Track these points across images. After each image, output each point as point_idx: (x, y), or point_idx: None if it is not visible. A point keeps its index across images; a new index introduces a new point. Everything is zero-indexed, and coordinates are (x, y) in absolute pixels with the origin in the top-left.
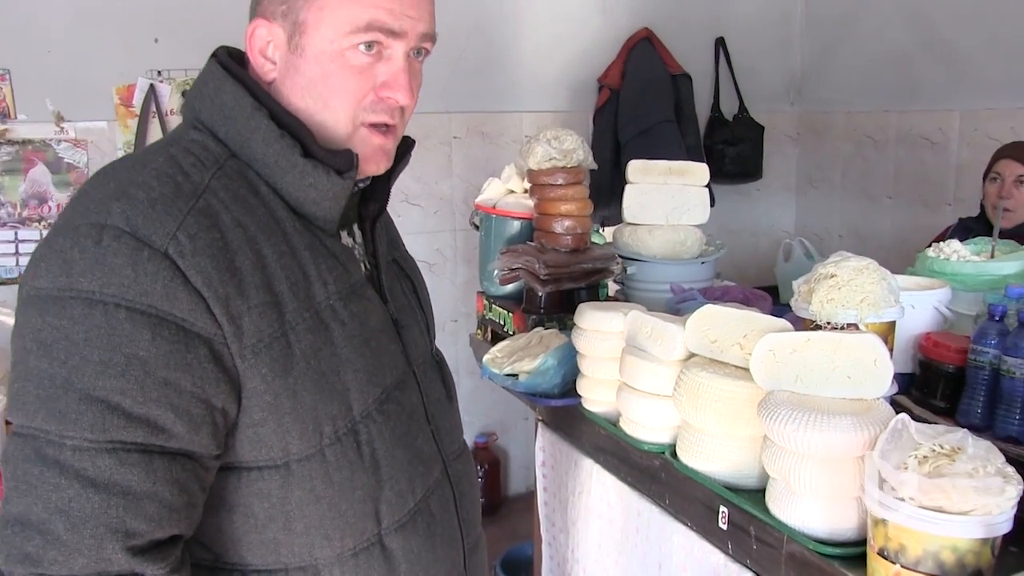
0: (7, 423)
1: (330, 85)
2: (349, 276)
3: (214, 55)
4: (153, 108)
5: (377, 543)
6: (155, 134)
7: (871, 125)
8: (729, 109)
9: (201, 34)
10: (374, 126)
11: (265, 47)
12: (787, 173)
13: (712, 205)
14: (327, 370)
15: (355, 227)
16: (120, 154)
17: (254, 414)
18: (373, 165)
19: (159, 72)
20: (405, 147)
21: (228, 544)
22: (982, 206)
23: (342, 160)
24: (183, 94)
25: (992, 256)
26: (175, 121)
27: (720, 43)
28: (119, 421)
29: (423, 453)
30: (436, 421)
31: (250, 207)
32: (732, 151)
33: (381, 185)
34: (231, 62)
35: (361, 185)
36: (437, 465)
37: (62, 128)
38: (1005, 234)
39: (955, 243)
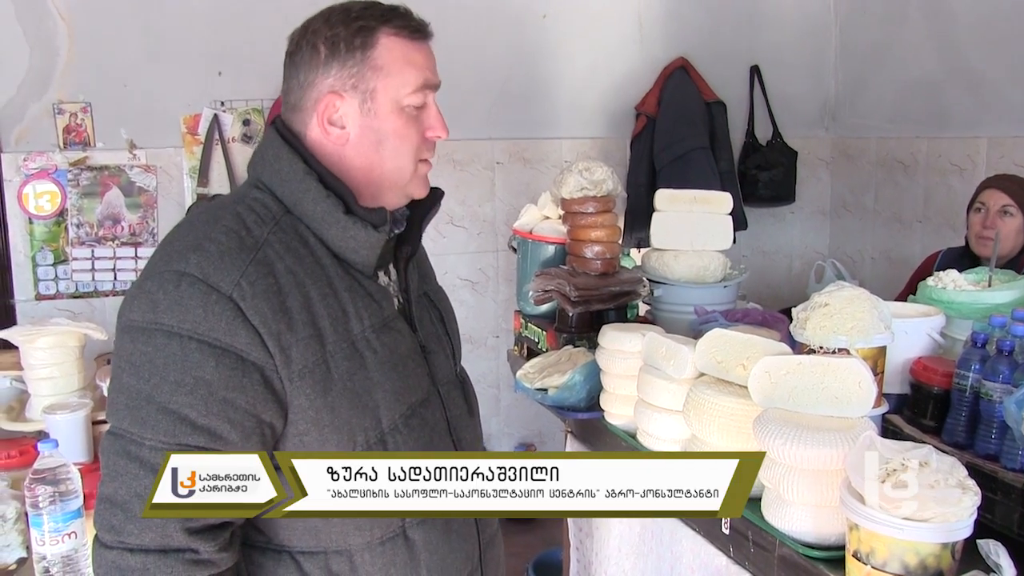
0: (94, 423)
1: (400, 135)
2: (382, 311)
3: (273, 125)
4: (216, 136)
5: (401, 534)
6: (218, 159)
7: (902, 151)
8: (763, 135)
9: (259, 68)
10: (423, 160)
11: (333, 116)
12: (821, 196)
13: (744, 228)
14: (360, 390)
15: (391, 267)
16: (186, 178)
17: (300, 426)
18: (421, 190)
19: (222, 103)
20: (435, 198)
21: (279, 529)
22: (967, 238)
23: (377, 216)
24: (244, 123)
25: (989, 285)
26: (236, 148)
27: (755, 71)
28: (186, 429)
29: None
30: (457, 433)
31: (300, 256)
32: (765, 175)
33: (414, 231)
34: (287, 132)
35: (397, 231)
36: None
37: (134, 155)
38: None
39: (953, 272)
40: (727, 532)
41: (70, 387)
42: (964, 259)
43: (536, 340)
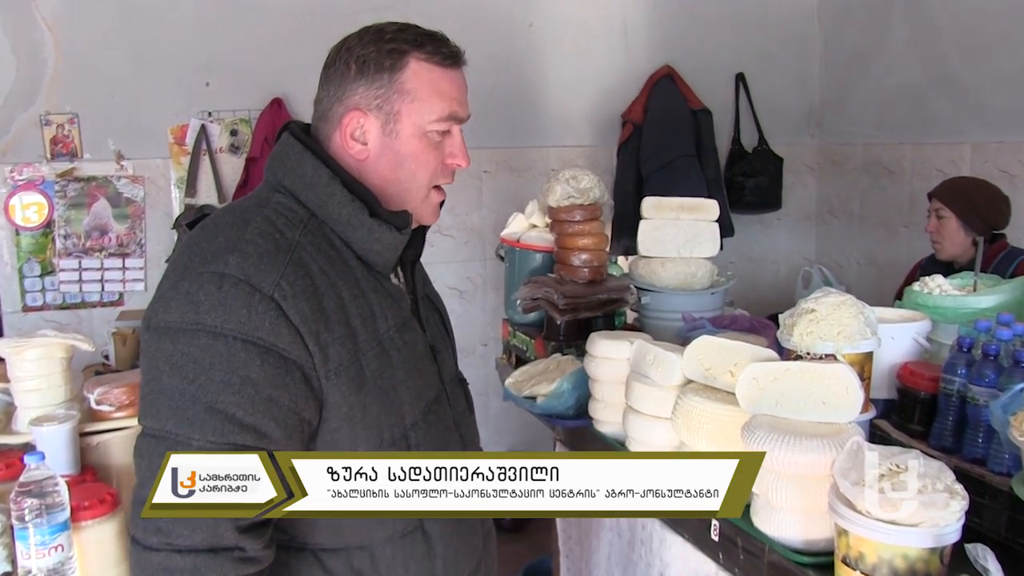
0: (81, 435)
1: (418, 159)
2: (401, 311)
3: (288, 129)
4: (204, 146)
5: (419, 527)
6: (206, 170)
7: (887, 157)
8: (749, 142)
9: (247, 79)
10: (438, 187)
11: (356, 132)
12: (807, 203)
13: (731, 235)
14: (388, 388)
15: (398, 270)
16: (174, 189)
17: (332, 423)
18: (433, 217)
19: (209, 113)
20: None
21: (303, 527)
22: None
23: (401, 219)
24: (231, 133)
25: (975, 290)
26: (224, 158)
27: (740, 78)
28: (234, 428)
29: None
30: (461, 429)
31: (330, 258)
32: (751, 182)
33: (418, 236)
34: (305, 137)
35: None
36: None
37: (122, 166)
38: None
39: (939, 278)
40: (716, 539)
41: (57, 399)
42: (939, 262)
43: (524, 348)
